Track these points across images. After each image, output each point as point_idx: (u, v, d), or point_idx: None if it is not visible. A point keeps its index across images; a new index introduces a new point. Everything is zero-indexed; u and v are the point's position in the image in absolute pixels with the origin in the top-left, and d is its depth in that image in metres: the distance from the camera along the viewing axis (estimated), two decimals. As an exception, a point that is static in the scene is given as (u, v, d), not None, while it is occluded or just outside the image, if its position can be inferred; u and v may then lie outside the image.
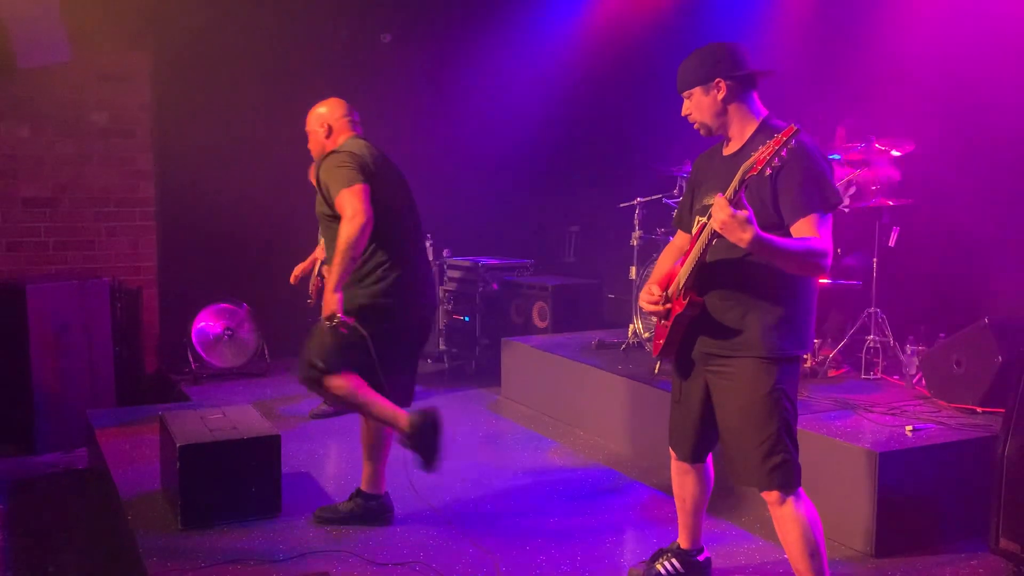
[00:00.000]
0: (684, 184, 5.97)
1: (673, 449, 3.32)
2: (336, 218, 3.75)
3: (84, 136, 6.82)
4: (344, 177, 3.74)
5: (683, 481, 3.35)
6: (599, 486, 4.65)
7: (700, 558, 3.47)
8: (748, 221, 2.63)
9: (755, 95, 3.04)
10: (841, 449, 3.95)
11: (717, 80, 2.97)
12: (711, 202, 2.90)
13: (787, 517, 2.95)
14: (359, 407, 3.88)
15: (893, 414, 4.39)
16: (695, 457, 3.26)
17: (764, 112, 3.06)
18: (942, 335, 4.91)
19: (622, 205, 6.34)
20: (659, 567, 3.45)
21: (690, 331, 3.06)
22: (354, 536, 3.92)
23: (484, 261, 7.39)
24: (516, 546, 3.85)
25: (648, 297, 3.10)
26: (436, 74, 8.15)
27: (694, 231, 3.02)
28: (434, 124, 8.14)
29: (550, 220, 8.51)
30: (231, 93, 7.18)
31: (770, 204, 2.86)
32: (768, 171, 2.69)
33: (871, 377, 5.13)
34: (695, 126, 3.09)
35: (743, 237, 2.65)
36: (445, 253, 7.71)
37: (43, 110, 6.65)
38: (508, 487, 4.61)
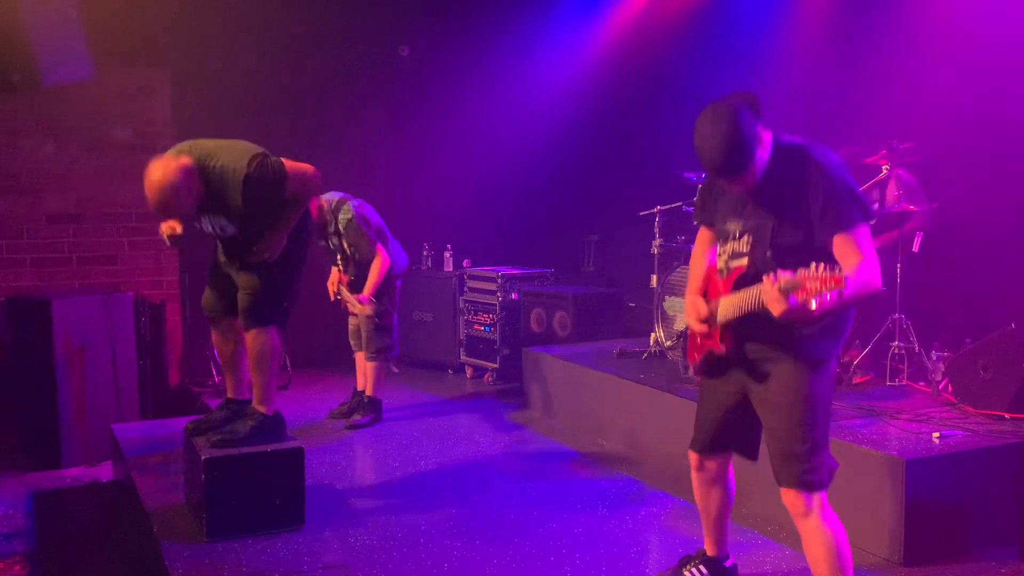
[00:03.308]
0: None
1: (694, 439, 3.27)
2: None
3: (107, 152, 6.90)
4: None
5: (705, 491, 3.33)
6: (623, 495, 4.63)
7: (727, 564, 3.45)
8: (798, 309, 2.59)
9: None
10: (868, 456, 3.91)
11: (760, 138, 2.84)
12: (734, 229, 2.96)
13: (813, 530, 2.91)
14: (262, 365, 4.10)
15: (920, 421, 4.35)
16: (710, 448, 3.23)
17: (769, 133, 2.91)
18: (968, 340, 4.86)
19: (642, 213, 6.33)
20: (686, 573, 3.43)
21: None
22: (378, 548, 3.92)
23: (504, 271, 7.39)
24: (541, 555, 3.84)
25: (695, 314, 3.08)
26: (454, 86, 8.18)
27: (730, 270, 2.98)
28: (453, 135, 8.18)
29: (569, 229, 8.52)
30: (252, 107, 7.24)
31: (804, 225, 2.81)
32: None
33: (896, 384, 5.09)
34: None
35: (807, 321, 2.72)
36: (465, 263, 7.73)
37: (67, 126, 6.73)
38: (532, 496, 4.60)
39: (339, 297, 5.82)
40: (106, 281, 6.86)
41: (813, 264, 2.53)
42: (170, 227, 4.12)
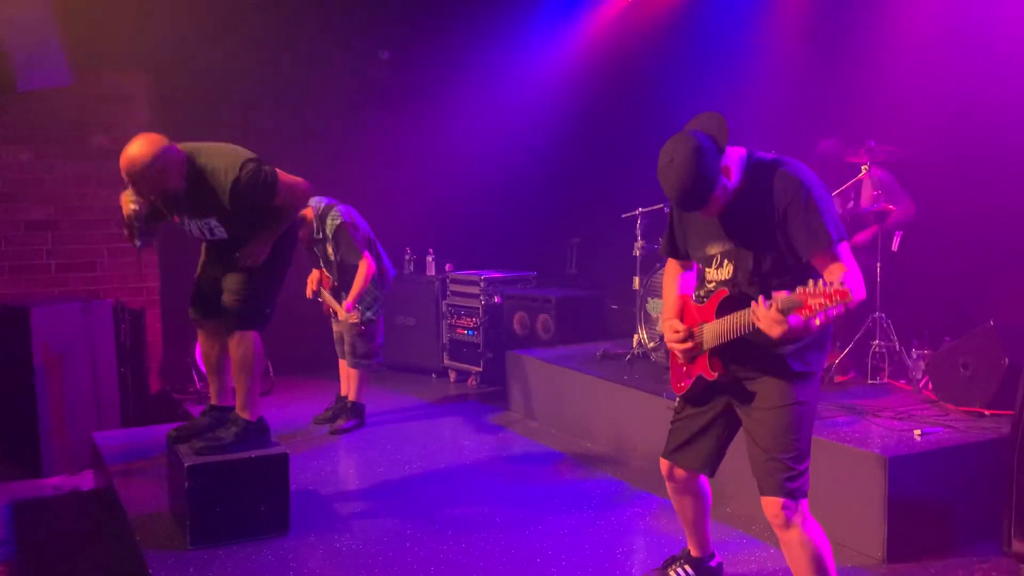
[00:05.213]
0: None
1: (667, 447, 3.24)
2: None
3: (85, 158, 6.84)
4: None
5: (678, 498, 3.35)
6: (608, 496, 4.64)
7: (712, 563, 3.47)
8: (799, 328, 2.59)
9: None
10: (850, 454, 3.94)
11: (722, 168, 2.83)
12: (714, 252, 2.97)
13: (796, 542, 2.89)
14: (245, 369, 4.09)
15: (901, 418, 4.38)
16: (681, 457, 3.21)
17: (742, 152, 2.93)
18: (947, 338, 4.91)
19: (624, 216, 6.35)
20: (672, 573, 3.45)
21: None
22: (364, 553, 3.91)
23: (486, 275, 7.39)
24: (527, 557, 3.84)
25: (674, 336, 3.07)
26: (434, 90, 8.17)
27: (708, 296, 3.00)
28: (433, 139, 8.17)
29: (551, 232, 8.51)
30: (232, 112, 7.20)
31: (783, 245, 2.83)
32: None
33: (877, 382, 5.13)
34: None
35: (803, 336, 2.75)
36: (447, 267, 7.72)
37: (44, 133, 6.67)
38: (517, 499, 4.60)
39: (318, 299, 5.81)
40: (85, 288, 6.81)
41: (811, 281, 2.49)
42: (133, 202, 3.78)
